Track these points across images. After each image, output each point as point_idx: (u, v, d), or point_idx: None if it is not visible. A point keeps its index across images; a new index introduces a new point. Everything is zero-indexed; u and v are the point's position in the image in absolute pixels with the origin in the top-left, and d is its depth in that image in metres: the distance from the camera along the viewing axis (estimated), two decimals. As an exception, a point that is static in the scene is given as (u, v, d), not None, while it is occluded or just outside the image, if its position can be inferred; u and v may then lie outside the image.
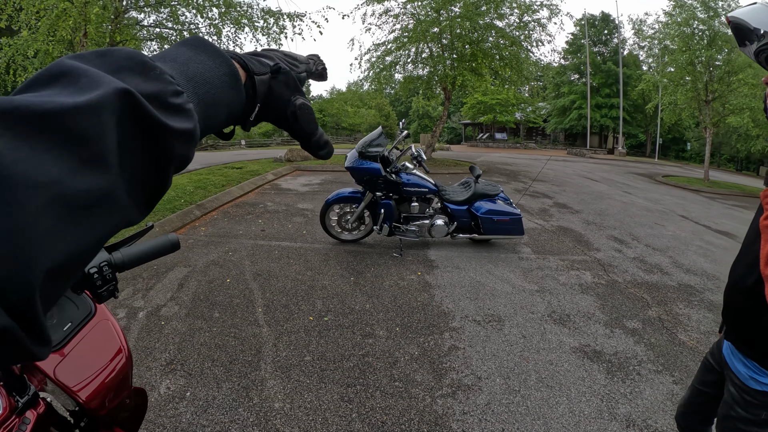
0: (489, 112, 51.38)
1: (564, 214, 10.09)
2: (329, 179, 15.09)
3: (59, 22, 8.10)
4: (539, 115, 56.22)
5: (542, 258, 6.91)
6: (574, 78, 53.35)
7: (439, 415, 3.33)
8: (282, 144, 54.06)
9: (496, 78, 21.06)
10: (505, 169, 19.99)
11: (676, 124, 36.15)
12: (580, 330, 4.65)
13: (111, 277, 1.19)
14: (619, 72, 45.46)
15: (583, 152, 41.04)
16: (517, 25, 18.59)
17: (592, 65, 48.25)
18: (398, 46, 19.76)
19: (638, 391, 3.67)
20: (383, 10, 19.55)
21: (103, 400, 1.39)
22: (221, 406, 3.47)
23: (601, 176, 19.37)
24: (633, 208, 11.35)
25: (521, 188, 13.95)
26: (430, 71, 20.70)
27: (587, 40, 50.12)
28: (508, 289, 5.64)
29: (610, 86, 49.10)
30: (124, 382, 1.50)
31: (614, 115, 47.70)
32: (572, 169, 22.35)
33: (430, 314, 4.94)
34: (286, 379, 3.82)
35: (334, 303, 5.25)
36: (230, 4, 10.26)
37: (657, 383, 3.80)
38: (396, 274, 6.15)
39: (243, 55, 0.73)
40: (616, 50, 48.89)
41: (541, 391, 3.60)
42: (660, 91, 26.11)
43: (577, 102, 50.39)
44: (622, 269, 6.55)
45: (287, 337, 4.50)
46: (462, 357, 4.11)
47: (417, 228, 7.02)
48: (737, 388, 1.96)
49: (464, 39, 18.51)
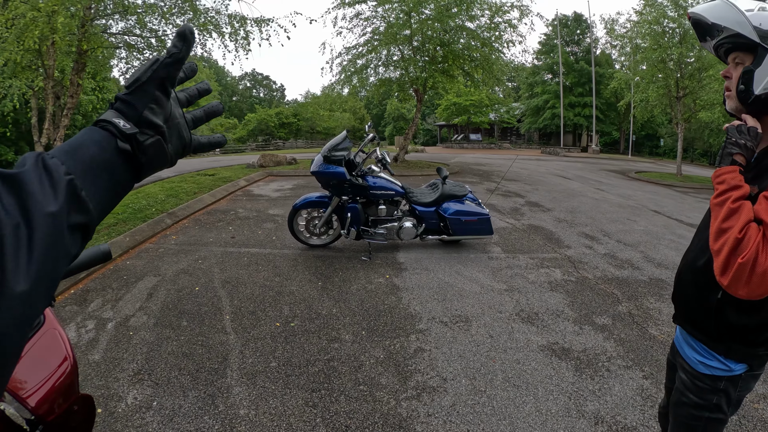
0: (463, 113, 51.58)
1: (535, 213, 10.12)
2: (301, 184, 15.03)
3: (26, 31, 8.00)
4: (513, 115, 56.65)
5: (512, 257, 6.92)
6: (547, 78, 53.67)
7: (404, 418, 3.31)
8: (257, 149, 53.87)
9: (467, 79, 21.11)
10: (478, 169, 20.05)
11: (648, 120, 36.68)
12: (548, 328, 4.64)
13: None
14: (592, 71, 45.90)
15: (557, 151, 41.44)
16: (487, 26, 18.65)
17: (565, 65, 48.54)
18: (369, 49, 19.76)
19: (607, 388, 3.66)
20: (354, 13, 19.58)
21: (51, 406, 1.40)
22: (187, 415, 3.45)
23: (574, 174, 19.51)
24: (605, 205, 11.41)
25: (493, 188, 14.00)
26: (401, 74, 20.72)
27: (560, 40, 50.43)
28: (477, 289, 5.63)
29: (583, 85, 49.45)
30: (70, 388, 1.51)
31: (587, 114, 48.05)
32: (545, 167, 22.49)
33: (396, 317, 4.93)
34: (251, 385, 3.80)
35: (301, 308, 5.22)
36: (196, 10, 10.20)
37: (627, 379, 3.80)
38: (364, 278, 6.12)
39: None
40: (589, 49, 49.31)
41: (507, 391, 3.59)
42: (632, 88, 26.31)
43: (551, 102, 50.67)
44: (593, 265, 6.56)
45: (254, 343, 4.47)
46: (428, 359, 4.09)
47: (385, 231, 7.00)
48: (687, 374, 1.96)
49: (435, 41, 18.55)
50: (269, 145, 61.53)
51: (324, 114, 68.28)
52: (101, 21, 10.54)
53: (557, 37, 50.77)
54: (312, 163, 6.99)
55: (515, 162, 25.36)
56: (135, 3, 9.98)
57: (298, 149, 53.47)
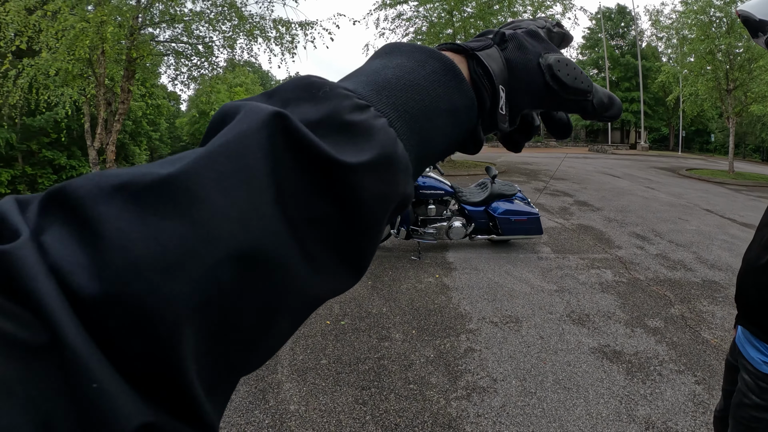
0: (508, 112, 51.07)
1: (584, 212, 9.99)
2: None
3: (77, 42, 8.23)
4: (559, 112, 55.77)
5: (562, 257, 6.84)
6: (593, 73, 52.43)
7: (453, 418, 3.31)
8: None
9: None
10: (525, 168, 19.88)
11: (698, 115, 35.44)
12: (599, 330, 4.58)
13: None
14: (638, 65, 44.59)
15: (605, 148, 40.65)
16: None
17: (610, 59, 47.32)
18: (413, 49, 19.74)
19: (659, 392, 3.58)
20: (396, 14, 19.55)
21: None
22: (238, 409, 3.51)
23: (622, 172, 19.15)
24: (655, 204, 11.18)
25: (541, 187, 13.85)
26: (446, 74, 20.65)
27: (604, 34, 49.07)
28: (527, 290, 5.59)
29: (629, 80, 48.15)
30: None
31: (635, 109, 46.59)
32: (593, 166, 22.14)
33: (447, 316, 4.92)
34: (302, 382, 3.84)
35: (351, 307, 5.25)
36: (242, 17, 10.34)
37: (678, 384, 3.71)
38: (414, 277, 6.13)
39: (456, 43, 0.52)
40: (634, 42, 47.93)
41: (557, 393, 3.56)
42: (680, 82, 25.61)
43: None
44: (644, 266, 6.44)
45: (304, 341, 4.51)
46: (478, 359, 4.09)
47: (434, 230, 6.97)
48: (751, 375, 1.93)
49: (478, 38, 18.39)
50: (313, 145, 62.40)
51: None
52: (149, 30, 10.77)
53: (601, 31, 49.46)
54: None
55: (563, 160, 25.02)
56: (182, 12, 10.17)
57: (340, 149, 53.89)
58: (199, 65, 11.59)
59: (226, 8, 10.25)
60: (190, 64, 11.58)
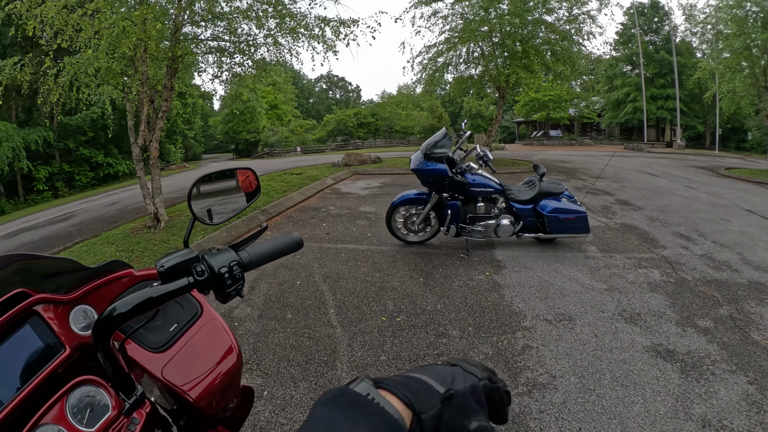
0: (542, 109, 50.39)
1: (627, 211, 9.97)
2: (388, 182, 15.22)
3: (121, 40, 8.41)
4: (593, 110, 54.77)
5: (609, 256, 6.85)
6: (626, 70, 51.47)
7: (516, 414, 3.37)
8: (337, 149, 54.47)
9: (548, 74, 20.77)
10: (562, 167, 19.72)
11: (735, 113, 34.72)
12: (651, 329, 4.61)
13: (240, 276, 1.21)
14: (673, 61, 43.33)
15: (641, 146, 39.95)
16: (566, 19, 18.37)
17: (644, 55, 45.86)
18: (449, 47, 19.79)
19: (713, 391, 3.61)
20: (431, 12, 19.63)
21: (212, 399, 1.41)
22: (299, 405, 3.59)
23: (660, 171, 18.91)
24: (696, 204, 11.08)
25: (581, 186, 13.78)
26: (482, 70, 20.62)
27: (637, 30, 47.84)
28: (577, 288, 5.63)
29: (664, 76, 46.92)
30: (234, 381, 1.53)
31: (671, 107, 45.55)
32: (631, 164, 21.87)
33: (501, 314, 5.00)
34: (362, 378, 3.94)
35: (406, 304, 5.35)
36: (286, 15, 10.43)
37: (731, 383, 3.73)
38: (464, 275, 6.21)
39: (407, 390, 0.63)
40: (668, 38, 46.48)
41: (616, 390, 3.60)
42: (717, 79, 25.15)
43: (632, 94, 48.20)
44: (690, 267, 6.44)
45: (361, 337, 4.62)
46: (536, 356, 4.15)
47: (483, 228, 7.02)
48: None
49: (514, 36, 18.35)
50: (348, 144, 62.26)
51: (402, 113, 68.38)
52: (192, 28, 10.93)
53: (635, 26, 48.29)
54: (410, 160, 7.12)
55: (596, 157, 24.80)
56: (223, 11, 10.32)
57: (377, 148, 53.65)
58: (241, 63, 11.74)
59: (270, 6, 10.34)
60: (232, 62, 11.71)
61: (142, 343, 1.43)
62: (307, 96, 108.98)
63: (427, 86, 21.49)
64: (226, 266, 1.18)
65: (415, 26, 26.29)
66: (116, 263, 1.57)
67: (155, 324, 1.48)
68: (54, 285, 1.45)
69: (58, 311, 1.32)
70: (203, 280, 1.13)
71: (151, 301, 1.04)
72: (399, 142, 61.64)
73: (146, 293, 1.04)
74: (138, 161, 10.13)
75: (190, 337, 1.50)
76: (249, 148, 66.92)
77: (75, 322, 1.33)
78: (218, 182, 1.62)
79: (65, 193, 37.51)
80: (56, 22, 8.66)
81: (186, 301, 1.58)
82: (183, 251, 1.15)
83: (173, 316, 1.52)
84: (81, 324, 1.34)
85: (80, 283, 1.44)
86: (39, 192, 36.49)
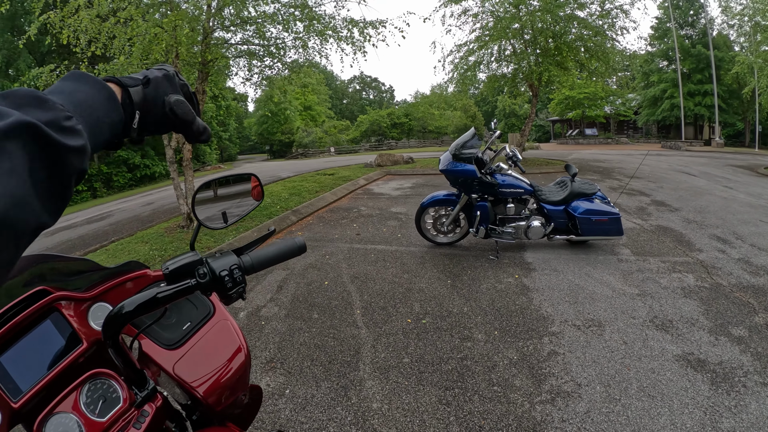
0: (577, 107, 49.80)
1: (662, 213, 9.74)
2: (420, 183, 15.22)
3: (152, 46, 8.55)
4: (629, 107, 53.83)
5: (642, 260, 6.69)
6: (662, 65, 50.16)
7: (538, 422, 3.32)
8: (370, 150, 54.67)
9: (582, 71, 20.48)
10: (597, 166, 19.41)
11: (774, 109, 33.72)
12: (683, 337, 4.49)
13: (241, 279, 1.25)
14: (710, 55, 41.96)
15: (679, 145, 39.09)
16: (599, 14, 18.05)
17: (680, 50, 44.48)
18: (480, 45, 19.66)
19: (743, 405, 3.47)
20: (461, 10, 19.58)
21: (220, 396, 1.47)
22: (320, 404, 3.62)
23: (698, 170, 18.49)
24: (735, 204, 10.78)
25: (616, 186, 13.56)
26: (514, 68, 20.44)
27: (673, 23, 46.33)
28: (608, 293, 5.52)
29: (701, 71, 45.19)
30: (242, 379, 1.57)
31: (709, 103, 44.03)
32: (668, 163, 21.44)
33: (528, 318, 4.93)
34: (384, 380, 3.93)
35: (432, 306, 5.33)
36: (313, 17, 10.49)
37: (763, 397, 3.58)
38: (493, 277, 6.16)
39: (119, 77, 0.86)
40: (705, 31, 44.94)
41: (642, 401, 3.51)
42: (755, 73, 24.54)
43: (669, 91, 46.82)
44: (727, 271, 6.24)
45: (386, 338, 4.62)
46: (561, 362, 4.08)
47: (513, 230, 6.95)
48: None
49: (546, 33, 18.06)
50: (382, 145, 62.59)
51: (435, 113, 68.37)
52: (221, 33, 11.06)
53: (670, 20, 46.99)
54: (439, 161, 7.08)
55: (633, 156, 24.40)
56: (253, 15, 10.42)
57: (411, 149, 53.79)
58: (271, 66, 11.84)
59: (297, 10, 10.41)
60: (262, 65, 11.82)
61: (157, 340, 1.50)
62: (340, 97, 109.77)
63: (459, 85, 21.42)
64: (227, 269, 1.22)
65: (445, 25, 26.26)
66: (134, 264, 1.63)
67: (169, 322, 1.55)
68: (74, 283, 1.53)
69: (78, 308, 1.40)
70: (205, 282, 1.17)
71: (156, 301, 1.10)
72: (432, 143, 61.65)
73: (152, 293, 1.10)
74: (171, 163, 10.26)
75: (202, 335, 1.56)
76: (283, 148, 67.70)
77: (94, 318, 1.41)
78: (222, 188, 1.69)
79: (103, 194, 38.48)
80: (90, 30, 8.90)
81: (199, 301, 1.64)
82: (188, 254, 1.21)
83: (187, 316, 1.59)
84: (100, 320, 1.41)
85: (99, 282, 1.52)
86: (78, 192, 37.43)
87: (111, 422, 1.19)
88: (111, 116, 0.79)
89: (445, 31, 23.23)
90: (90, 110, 0.74)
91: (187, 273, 1.17)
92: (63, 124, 0.63)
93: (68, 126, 0.64)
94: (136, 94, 0.86)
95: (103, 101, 0.78)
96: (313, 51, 11.34)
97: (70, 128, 0.64)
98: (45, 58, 32.72)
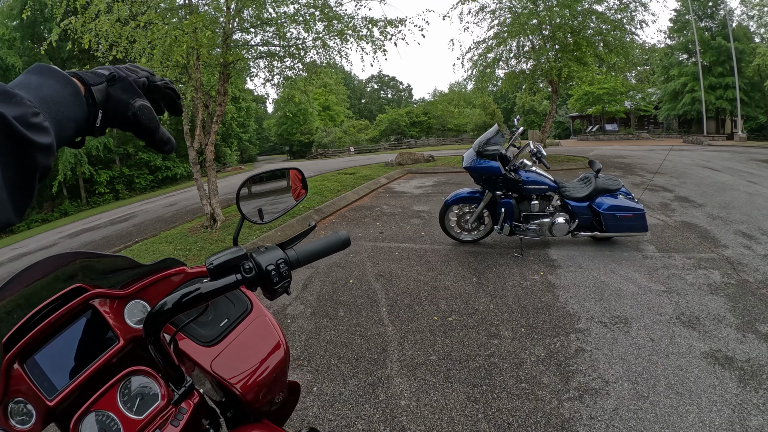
0: (597, 102, 49.33)
1: (686, 209, 9.65)
2: (442, 181, 15.21)
3: (173, 48, 8.65)
4: (650, 102, 53.13)
5: (667, 256, 6.63)
6: (682, 58, 49.16)
7: (566, 419, 3.32)
8: (390, 149, 54.67)
9: (601, 66, 20.32)
10: (619, 162, 19.21)
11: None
12: (710, 334, 4.45)
13: (287, 273, 1.23)
14: (731, 47, 40.81)
15: (701, 139, 38.49)
16: (617, 8, 17.96)
17: (700, 42, 43.18)
18: (498, 42, 19.62)
19: None
20: (479, 7, 19.58)
21: (258, 393, 1.45)
22: (347, 402, 3.65)
23: (721, 165, 18.20)
24: (760, 200, 10.61)
25: (639, 182, 13.44)
26: (533, 65, 20.36)
27: (692, 15, 44.99)
28: (634, 290, 5.48)
29: (722, 64, 43.93)
30: (281, 376, 1.57)
31: (730, 97, 42.93)
32: (690, 158, 21.15)
33: (555, 315, 4.93)
34: (412, 377, 3.95)
35: (458, 303, 5.35)
36: (333, 17, 10.52)
37: None
38: (518, 274, 6.16)
39: (81, 71, 0.87)
40: (724, 23, 43.73)
41: (670, 398, 3.50)
42: (777, 65, 24.10)
43: (689, 84, 45.56)
44: (753, 268, 6.15)
45: (412, 336, 4.65)
46: (589, 360, 4.08)
47: (537, 227, 6.93)
48: None
49: (565, 28, 18.08)
50: (401, 143, 62.57)
51: (454, 111, 68.24)
52: (241, 35, 11.13)
53: (689, 12, 45.96)
54: (462, 158, 7.09)
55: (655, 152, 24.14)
56: (271, 16, 10.47)
57: (430, 147, 53.68)
58: (291, 66, 11.89)
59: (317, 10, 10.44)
60: (282, 66, 11.86)
61: (194, 337, 1.51)
62: (358, 96, 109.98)
63: (478, 83, 21.37)
64: (273, 264, 1.21)
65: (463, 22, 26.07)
66: (170, 261, 1.63)
67: (206, 319, 1.56)
68: (110, 281, 1.56)
69: (114, 305, 1.41)
70: (251, 277, 1.16)
71: (201, 297, 1.09)
72: (452, 140, 61.48)
73: (195, 289, 1.09)
74: (194, 164, 10.39)
75: (239, 332, 1.55)
76: (303, 149, 68.00)
77: (130, 316, 1.42)
78: (267, 183, 1.68)
79: (126, 196, 39.20)
80: (110, 35, 9.04)
81: (237, 297, 1.64)
82: (232, 249, 1.19)
83: (224, 312, 1.59)
84: (136, 318, 1.43)
85: (135, 279, 1.53)
86: (101, 195, 38.29)
87: (149, 420, 1.19)
88: (75, 113, 0.80)
89: (463, 29, 23.26)
90: (56, 106, 0.75)
91: (232, 268, 1.16)
92: (31, 121, 0.64)
93: (36, 123, 0.65)
94: (98, 93, 0.86)
95: (68, 97, 0.78)
96: (333, 51, 11.36)
97: (37, 125, 0.66)
98: (65, 64, 33.20)
